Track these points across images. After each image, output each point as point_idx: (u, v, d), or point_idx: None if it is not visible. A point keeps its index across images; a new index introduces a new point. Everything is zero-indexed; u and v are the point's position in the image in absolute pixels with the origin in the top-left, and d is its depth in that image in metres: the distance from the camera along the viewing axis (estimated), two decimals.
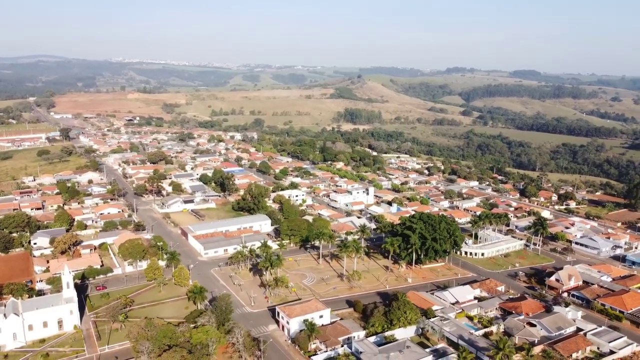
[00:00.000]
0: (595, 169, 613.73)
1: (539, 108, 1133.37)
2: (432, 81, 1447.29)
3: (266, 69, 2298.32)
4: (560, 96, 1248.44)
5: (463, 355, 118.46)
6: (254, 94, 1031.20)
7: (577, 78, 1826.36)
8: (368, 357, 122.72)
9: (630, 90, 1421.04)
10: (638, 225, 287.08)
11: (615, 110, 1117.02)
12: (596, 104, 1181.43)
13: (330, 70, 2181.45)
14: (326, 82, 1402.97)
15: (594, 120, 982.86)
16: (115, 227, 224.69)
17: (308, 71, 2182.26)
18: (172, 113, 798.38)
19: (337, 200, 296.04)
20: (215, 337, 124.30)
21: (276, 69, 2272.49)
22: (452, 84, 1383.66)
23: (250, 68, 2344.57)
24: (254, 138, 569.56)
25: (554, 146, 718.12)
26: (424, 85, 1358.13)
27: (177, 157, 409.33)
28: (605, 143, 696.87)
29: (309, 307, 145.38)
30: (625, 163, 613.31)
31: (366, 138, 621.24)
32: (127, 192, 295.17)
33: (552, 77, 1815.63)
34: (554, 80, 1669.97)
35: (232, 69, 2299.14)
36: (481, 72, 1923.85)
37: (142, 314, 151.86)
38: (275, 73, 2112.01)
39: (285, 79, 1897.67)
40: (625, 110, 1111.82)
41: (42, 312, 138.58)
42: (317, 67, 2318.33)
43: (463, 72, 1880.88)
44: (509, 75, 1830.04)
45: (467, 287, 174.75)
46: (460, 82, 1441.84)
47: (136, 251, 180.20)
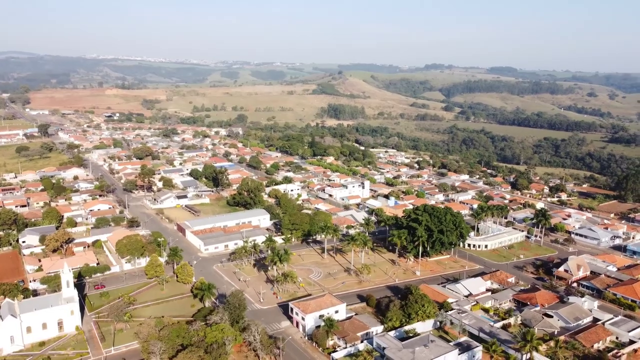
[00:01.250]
0: (577, 162, 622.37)
1: (518, 103, 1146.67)
2: (413, 77, 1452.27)
3: (244, 65, 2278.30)
4: (538, 92, 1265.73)
5: (493, 349, 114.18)
6: (235, 89, 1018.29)
7: (553, 74, 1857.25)
8: (392, 353, 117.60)
9: (604, 86, 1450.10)
10: (630, 216, 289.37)
11: (591, 105, 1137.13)
12: (573, 100, 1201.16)
13: (310, 66, 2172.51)
14: (307, 78, 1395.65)
15: (572, 115, 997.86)
16: (107, 224, 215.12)
17: (287, 68, 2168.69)
18: (153, 109, 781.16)
19: (332, 195, 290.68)
20: (231, 336, 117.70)
21: (255, 66, 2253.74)
22: (432, 80, 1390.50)
23: (229, 65, 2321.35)
24: (240, 133, 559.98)
25: (536, 140, 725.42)
26: (405, 81, 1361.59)
27: (164, 152, 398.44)
28: (586, 137, 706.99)
29: (324, 302, 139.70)
30: (606, 156, 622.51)
31: (352, 133, 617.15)
32: (116, 188, 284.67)
33: (528, 74, 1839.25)
34: (530, 76, 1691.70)
35: (210, 66, 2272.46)
36: (459, 68, 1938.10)
37: (145, 313, 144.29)
38: (254, 70, 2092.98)
39: (264, 75, 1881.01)
40: (601, 106, 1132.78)
41: (41, 313, 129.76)
42: (296, 64, 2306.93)
43: (441, 69, 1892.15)
44: (487, 71, 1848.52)
45: (479, 279, 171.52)
46: (440, 78, 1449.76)
47: (135, 248, 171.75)
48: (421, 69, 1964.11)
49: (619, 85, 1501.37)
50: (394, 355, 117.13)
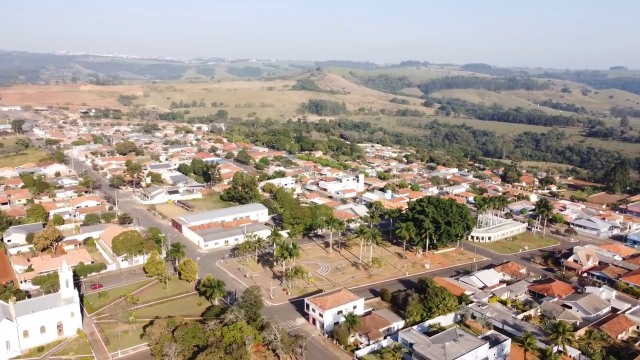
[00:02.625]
0: (558, 156, 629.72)
1: (495, 99, 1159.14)
2: (391, 73, 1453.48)
3: (220, 62, 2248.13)
4: (514, 88, 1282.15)
5: (528, 342, 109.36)
6: (214, 85, 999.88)
7: (525, 71, 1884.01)
8: (422, 349, 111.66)
9: (575, 82, 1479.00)
10: (621, 207, 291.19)
11: (565, 100, 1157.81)
12: (548, 95, 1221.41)
13: (286, 63, 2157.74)
14: (286, 74, 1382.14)
15: (548, 110, 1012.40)
16: (97, 221, 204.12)
17: (263, 64, 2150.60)
18: (130, 105, 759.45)
19: (327, 189, 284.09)
20: (250, 335, 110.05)
21: (230, 63, 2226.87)
22: (410, 76, 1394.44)
23: (204, 61, 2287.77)
24: (222, 129, 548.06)
25: (516, 135, 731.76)
26: (383, 78, 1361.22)
27: (147, 148, 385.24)
28: (565, 131, 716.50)
29: (342, 297, 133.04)
30: (585, 150, 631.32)
31: (336, 128, 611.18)
32: (102, 184, 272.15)
33: (502, 70, 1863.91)
34: (504, 73, 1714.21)
35: (185, 63, 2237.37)
36: (435, 65, 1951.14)
37: (150, 313, 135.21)
38: (229, 66, 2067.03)
39: (241, 72, 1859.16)
40: (575, 101, 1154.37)
41: (39, 316, 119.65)
42: (272, 61, 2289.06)
43: (418, 66, 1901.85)
44: (462, 68, 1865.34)
45: (492, 271, 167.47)
46: (418, 75, 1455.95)
47: (132, 245, 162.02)
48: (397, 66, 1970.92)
49: (589, 82, 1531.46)
50: (423, 351, 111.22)
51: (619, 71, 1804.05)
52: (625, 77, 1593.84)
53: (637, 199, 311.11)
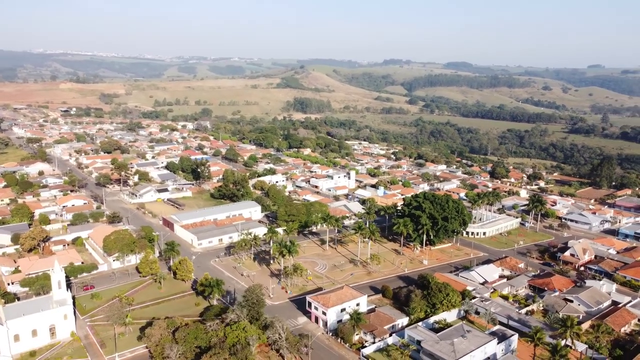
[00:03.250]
0: (542, 152, 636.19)
1: (478, 97, 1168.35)
2: (374, 72, 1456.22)
3: (201, 60, 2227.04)
4: (496, 86, 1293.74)
5: (538, 336, 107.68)
6: (197, 83, 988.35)
7: (506, 69, 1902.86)
8: (430, 346, 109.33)
9: (555, 80, 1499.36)
10: (609, 201, 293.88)
11: (547, 98, 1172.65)
12: (529, 93, 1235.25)
13: (269, 62, 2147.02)
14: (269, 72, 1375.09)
15: (529, 107, 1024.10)
16: (85, 220, 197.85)
17: (246, 63, 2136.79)
18: (112, 104, 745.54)
19: (318, 186, 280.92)
20: (255, 335, 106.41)
21: (212, 61, 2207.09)
22: (394, 74, 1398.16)
23: (185, 60, 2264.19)
24: (208, 127, 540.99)
25: (500, 132, 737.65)
26: (367, 76, 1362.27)
27: (132, 146, 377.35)
28: (548, 128, 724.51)
29: (344, 295, 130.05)
30: (569, 146, 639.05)
31: (322, 126, 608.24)
32: (87, 182, 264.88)
33: (483, 69, 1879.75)
34: (485, 71, 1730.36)
35: (166, 61, 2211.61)
36: (417, 63, 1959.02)
37: (146, 314, 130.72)
38: (211, 65, 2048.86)
39: (223, 70, 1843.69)
40: (556, 99, 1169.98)
41: (30, 319, 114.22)
42: (254, 59, 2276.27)
43: (400, 64, 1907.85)
44: (444, 66, 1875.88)
45: (492, 266, 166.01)
46: (401, 73, 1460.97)
47: (124, 244, 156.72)
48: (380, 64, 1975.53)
49: (569, 80, 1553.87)
50: (432, 348, 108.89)
51: (596, 69, 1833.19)
52: (603, 75, 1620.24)
53: (624, 194, 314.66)
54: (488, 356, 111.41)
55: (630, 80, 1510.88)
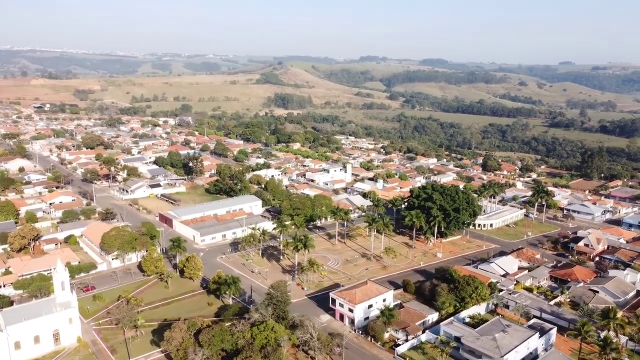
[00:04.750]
0: (524, 146, 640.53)
1: (456, 92, 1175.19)
2: (352, 68, 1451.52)
3: (176, 57, 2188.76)
4: (473, 81, 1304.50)
5: (585, 329, 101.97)
6: (175, 79, 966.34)
7: (481, 66, 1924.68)
8: (471, 342, 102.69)
9: (529, 76, 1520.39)
10: (601, 192, 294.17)
11: (523, 93, 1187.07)
12: (506, 88, 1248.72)
13: (244, 58, 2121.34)
14: (248, 68, 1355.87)
15: (507, 103, 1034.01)
16: (77, 217, 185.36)
17: (221, 59, 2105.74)
18: (87, 100, 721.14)
19: (314, 180, 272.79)
20: (285, 336, 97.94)
21: (187, 58, 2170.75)
22: (372, 71, 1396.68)
23: (159, 57, 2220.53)
24: (190, 123, 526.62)
25: (482, 126, 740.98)
26: (345, 72, 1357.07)
27: (115, 141, 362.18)
28: (529, 122, 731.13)
29: (370, 290, 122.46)
30: (550, 140, 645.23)
31: (307, 121, 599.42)
32: (73, 179, 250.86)
33: (458, 65, 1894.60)
34: (461, 68, 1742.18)
35: (139, 58, 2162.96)
36: (393, 60, 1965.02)
37: (155, 315, 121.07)
38: (186, 61, 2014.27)
39: (198, 67, 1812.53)
40: (532, 94, 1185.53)
41: (32, 324, 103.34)
42: (230, 56, 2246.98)
43: (377, 61, 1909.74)
44: (420, 63, 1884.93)
45: (510, 258, 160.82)
46: (379, 69, 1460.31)
47: (125, 241, 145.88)
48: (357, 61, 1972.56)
49: (542, 76, 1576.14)
50: (473, 344, 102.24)
51: (567, 66, 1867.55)
52: (574, 71, 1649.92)
53: (615, 185, 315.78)
54: (530, 351, 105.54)
55: (600, 76, 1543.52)
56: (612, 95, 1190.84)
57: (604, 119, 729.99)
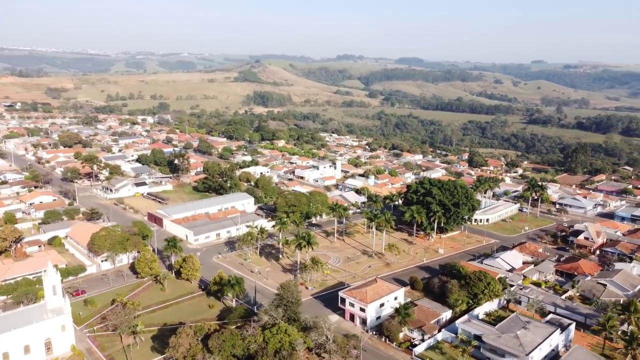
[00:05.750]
0: (504, 142, 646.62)
1: (434, 90, 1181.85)
2: (330, 66, 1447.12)
3: (150, 56, 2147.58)
4: (450, 79, 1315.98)
5: (610, 324, 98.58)
6: (151, 77, 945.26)
7: (456, 65, 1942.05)
8: (493, 340, 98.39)
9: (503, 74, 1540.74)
10: (587, 187, 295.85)
11: (499, 91, 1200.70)
12: (482, 87, 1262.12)
13: (220, 57, 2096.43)
14: (225, 67, 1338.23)
15: (484, 100, 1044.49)
16: (59, 218, 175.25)
17: (197, 58, 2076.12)
18: (60, 98, 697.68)
19: (304, 177, 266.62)
20: (300, 339, 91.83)
21: (161, 56, 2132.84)
22: (350, 69, 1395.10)
23: (132, 55, 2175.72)
24: (169, 121, 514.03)
25: (462, 123, 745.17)
26: (323, 70, 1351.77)
27: (94, 140, 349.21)
28: (508, 119, 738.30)
29: (381, 289, 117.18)
30: (529, 136, 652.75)
31: (289, 118, 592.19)
32: (52, 178, 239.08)
33: (434, 64, 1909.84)
34: (437, 66, 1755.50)
35: (111, 56, 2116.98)
36: (370, 59, 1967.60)
37: (154, 320, 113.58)
38: (161, 60, 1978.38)
39: (173, 65, 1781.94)
40: (508, 92, 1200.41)
41: (21, 333, 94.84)
42: (205, 55, 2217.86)
43: (354, 59, 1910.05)
44: (396, 61, 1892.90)
45: (515, 252, 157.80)
46: (357, 67, 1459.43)
47: (116, 242, 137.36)
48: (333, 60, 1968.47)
49: (515, 74, 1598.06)
50: (495, 342, 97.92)
51: (540, 65, 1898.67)
52: (546, 70, 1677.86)
53: (600, 179, 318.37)
54: (552, 348, 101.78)
55: (572, 75, 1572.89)
56: (585, 92, 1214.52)
57: (580, 115, 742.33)
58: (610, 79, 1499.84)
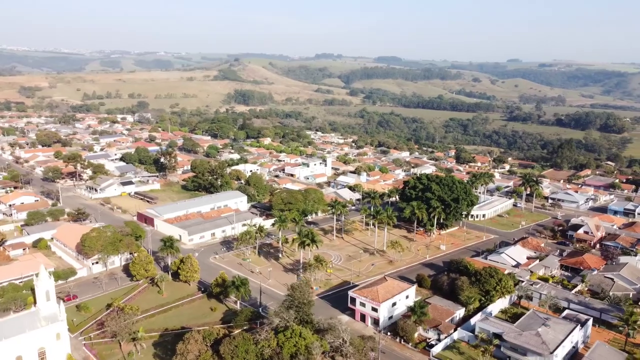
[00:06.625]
0: (486, 139, 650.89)
1: (414, 89, 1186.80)
2: (310, 65, 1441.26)
3: (125, 55, 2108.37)
4: (429, 78, 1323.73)
5: (633, 319, 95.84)
6: (128, 76, 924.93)
7: (433, 63, 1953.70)
8: (514, 338, 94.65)
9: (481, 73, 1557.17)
10: (574, 182, 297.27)
11: (477, 89, 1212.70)
12: (461, 85, 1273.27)
13: (197, 56, 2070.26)
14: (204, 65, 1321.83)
15: (463, 98, 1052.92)
16: (44, 219, 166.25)
17: (174, 57, 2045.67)
18: (34, 97, 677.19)
19: (294, 174, 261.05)
20: (317, 342, 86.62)
21: (137, 55, 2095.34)
22: (330, 67, 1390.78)
23: (107, 54, 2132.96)
24: (150, 119, 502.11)
25: (444, 121, 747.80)
26: (303, 69, 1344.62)
27: (73, 139, 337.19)
28: (489, 116, 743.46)
29: (392, 287, 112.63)
30: (510, 133, 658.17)
31: (273, 117, 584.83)
32: (32, 178, 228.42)
33: (412, 63, 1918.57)
34: (415, 65, 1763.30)
35: (86, 55, 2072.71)
36: (348, 58, 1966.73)
37: (154, 325, 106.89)
38: (137, 59, 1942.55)
39: (150, 64, 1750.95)
40: (486, 90, 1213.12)
41: (13, 343, 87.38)
42: (182, 53, 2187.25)
43: (333, 58, 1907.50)
44: (374, 60, 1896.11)
45: (518, 247, 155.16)
46: (337, 66, 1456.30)
47: (108, 243, 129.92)
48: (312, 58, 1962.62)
49: (492, 73, 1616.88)
50: (517, 340, 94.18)
51: (515, 63, 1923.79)
52: (522, 68, 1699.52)
53: (586, 174, 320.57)
54: (573, 345, 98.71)
55: (547, 73, 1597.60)
56: (560, 90, 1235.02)
57: (558, 112, 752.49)
58: (584, 77, 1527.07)
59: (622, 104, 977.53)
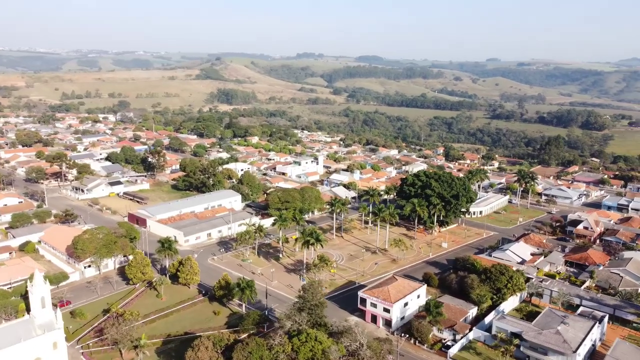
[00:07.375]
0: (470, 137, 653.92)
1: (396, 87, 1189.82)
2: (292, 64, 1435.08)
3: (103, 54, 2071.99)
4: (411, 77, 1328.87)
5: None
6: (108, 75, 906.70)
7: (414, 62, 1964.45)
8: (534, 337, 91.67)
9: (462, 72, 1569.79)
10: (563, 178, 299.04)
11: (459, 88, 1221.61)
12: (443, 83, 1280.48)
13: (177, 55, 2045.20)
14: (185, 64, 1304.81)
15: (445, 97, 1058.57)
16: (29, 221, 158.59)
17: (153, 56, 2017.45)
18: (10, 97, 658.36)
19: (286, 172, 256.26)
20: (333, 346, 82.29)
21: (115, 55, 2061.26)
22: (312, 67, 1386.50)
23: (84, 54, 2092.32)
24: (133, 119, 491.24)
25: (428, 119, 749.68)
26: (286, 68, 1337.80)
27: (55, 138, 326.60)
28: (472, 115, 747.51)
29: (402, 286, 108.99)
30: (494, 131, 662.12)
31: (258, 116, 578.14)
32: (14, 179, 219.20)
33: (393, 62, 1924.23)
34: (396, 64, 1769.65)
35: (62, 55, 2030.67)
36: (330, 57, 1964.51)
37: (155, 331, 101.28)
38: (115, 59, 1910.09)
39: (129, 64, 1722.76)
40: (467, 88, 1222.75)
41: (8, 353, 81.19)
42: (162, 53, 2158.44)
43: (314, 57, 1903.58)
44: (356, 60, 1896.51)
45: (522, 244, 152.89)
46: (320, 65, 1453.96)
47: (102, 245, 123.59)
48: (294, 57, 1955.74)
49: (472, 72, 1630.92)
50: (537, 339, 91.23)
51: (495, 62, 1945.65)
52: (501, 67, 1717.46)
53: (574, 170, 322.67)
54: (593, 343, 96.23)
55: (526, 72, 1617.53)
56: (540, 89, 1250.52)
57: (540, 110, 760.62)
58: (561, 76, 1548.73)
59: (599, 102, 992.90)
